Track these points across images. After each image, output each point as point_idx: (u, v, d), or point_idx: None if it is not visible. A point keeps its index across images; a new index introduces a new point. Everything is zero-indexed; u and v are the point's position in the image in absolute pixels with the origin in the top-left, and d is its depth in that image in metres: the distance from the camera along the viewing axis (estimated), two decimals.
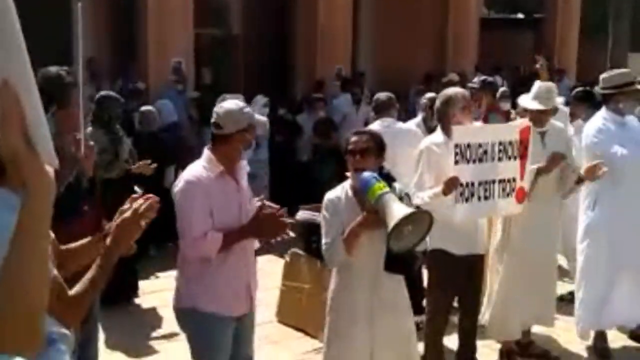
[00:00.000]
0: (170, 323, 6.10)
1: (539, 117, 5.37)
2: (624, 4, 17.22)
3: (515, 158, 4.88)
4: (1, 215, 1.29)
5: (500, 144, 4.78)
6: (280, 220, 3.86)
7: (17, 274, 1.28)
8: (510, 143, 4.84)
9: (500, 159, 4.78)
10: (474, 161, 4.64)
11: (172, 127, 9.22)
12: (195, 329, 3.93)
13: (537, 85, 5.57)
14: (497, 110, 8.00)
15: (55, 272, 2.25)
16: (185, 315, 3.94)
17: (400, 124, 6.74)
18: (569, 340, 5.97)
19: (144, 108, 8.56)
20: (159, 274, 7.83)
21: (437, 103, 5.03)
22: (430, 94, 7.60)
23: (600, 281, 5.66)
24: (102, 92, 7.12)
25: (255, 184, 6.99)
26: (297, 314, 6.25)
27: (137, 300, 7.07)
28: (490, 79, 9.14)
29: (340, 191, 4.02)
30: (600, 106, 5.90)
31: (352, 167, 3.95)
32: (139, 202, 2.49)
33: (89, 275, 2.37)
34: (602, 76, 5.87)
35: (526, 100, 5.51)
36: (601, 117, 5.72)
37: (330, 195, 4.05)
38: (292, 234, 5.46)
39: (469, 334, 5.18)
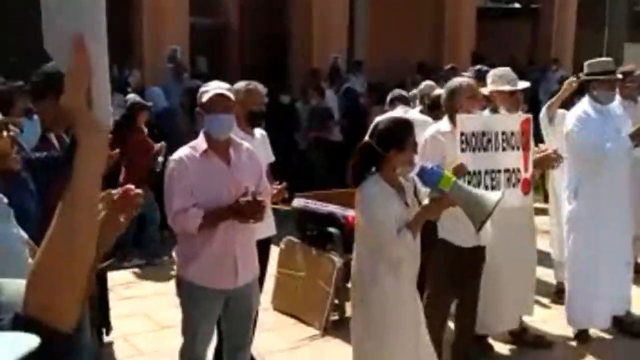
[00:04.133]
0: (167, 306, 6.13)
1: (510, 100, 5.42)
2: None
3: (518, 149, 4.88)
4: None
5: (503, 133, 4.79)
6: (259, 206, 3.95)
7: (65, 236, 1.34)
8: (513, 134, 4.85)
9: (504, 149, 4.78)
10: (479, 150, 4.64)
11: (164, 114, 9.28)
12: (181, 296, 4.19)
13: (496, 70, 5.64)
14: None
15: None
16: (177, 283, 4.21)
17: (416, 114, 6.64)
18: (562, 326, 6.00)
19: (128, 96, 8.63)
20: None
21: (443, 95, 5.00)
22: (424, 84, 7.56)
23: (587, 274, 5.74)
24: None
25: None
26: (292, 301, 6.28)
27: (131, 289, 7.11)
28: (485, 67, 9.08)
29: (377, 185, 3.92)
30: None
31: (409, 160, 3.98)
32: (115, 196, 2.12)
33: None
34: (586, 63, 5.97)
35: (496, 84, 5.52)
36: (582, 106, 5.83)
37: (370, 192, 3.91)
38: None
39: (468, 327, 5.14)
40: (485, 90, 5.48)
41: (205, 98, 4.06)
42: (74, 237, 1.34)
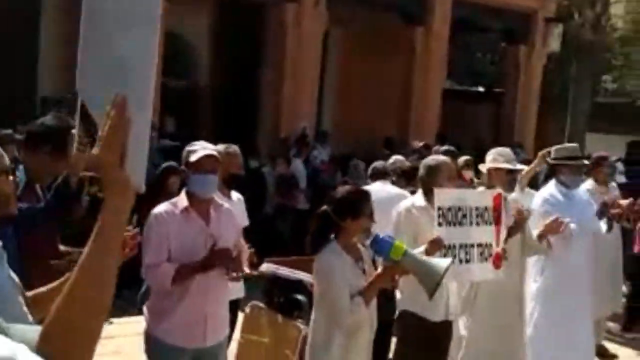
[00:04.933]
0: None
1: (506, 179, 5.53)
2: (583, 84, 17.74)
3: (490, 224, 4.97)
4: None
5: (477, 209, 4.88)
6: (228, 253, 4.01)
7: (87, 290, 1.36)
8: (486, 209, 4.94)
9: (478, 224, 4.86)
10: (455, 224, 4.71)
11: None
12: (148, 352, 4.16)
13: (497, 149, 5.78)
14: (462, 179, 8.13)
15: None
16: (146, 339, 4.16)
17: (394, 188, 6.75)
18: None
19: None
20: (113, 320, 7.69)
21: (421, 171, 5.04)
22: (395, 158, 7.68)
23: (550, 353, 5.78)
24: None
25: None
26: None
27: None
28: (452, 148, 9.35)
29: (334, 253, 3.98)
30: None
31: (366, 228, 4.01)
32: None
33: None
34: (553, 148, 6.23)
35: (497, 162, 5.64)
36: (548, 189, 6.03)
37: (327, 260, 3.98)
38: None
39: None
40: (483, 168, 5.63)
41: (193, 158, 4.07)
42: (96, 292, 1.37)
